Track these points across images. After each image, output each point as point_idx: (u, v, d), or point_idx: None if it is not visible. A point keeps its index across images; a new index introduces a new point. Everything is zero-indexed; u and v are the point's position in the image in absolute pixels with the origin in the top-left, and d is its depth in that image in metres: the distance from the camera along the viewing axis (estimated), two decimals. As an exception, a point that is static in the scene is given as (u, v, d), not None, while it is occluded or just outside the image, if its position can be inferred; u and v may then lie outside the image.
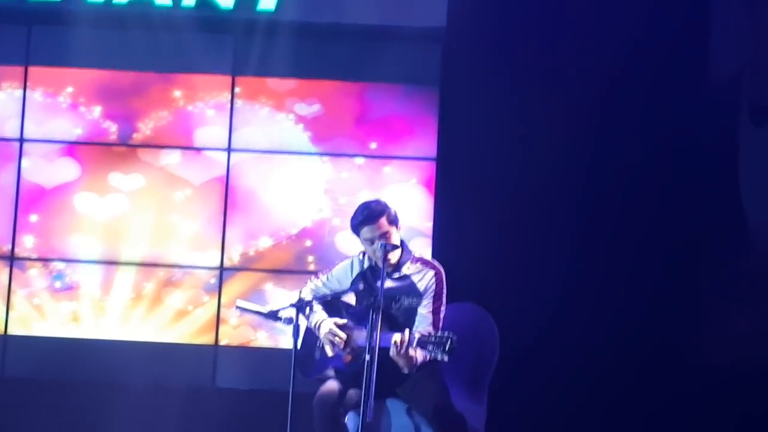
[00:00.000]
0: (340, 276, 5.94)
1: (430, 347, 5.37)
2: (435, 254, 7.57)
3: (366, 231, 5.72)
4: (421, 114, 8.01)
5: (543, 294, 7.51)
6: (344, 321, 5.79)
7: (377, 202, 5.89)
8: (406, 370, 5.55)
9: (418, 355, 5.51)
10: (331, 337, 5.76)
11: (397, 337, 5.46)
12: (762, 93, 7.70)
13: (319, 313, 5.84)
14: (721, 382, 7.33)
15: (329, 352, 5.80)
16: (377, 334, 5.44)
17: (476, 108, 7.73)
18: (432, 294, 5.73)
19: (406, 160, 8.02)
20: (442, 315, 5.71)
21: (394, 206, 5.85)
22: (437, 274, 5.77)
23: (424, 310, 5.70)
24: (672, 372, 7.43)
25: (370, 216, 5.73)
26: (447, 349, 5.33)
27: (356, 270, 5.88)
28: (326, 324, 5.78)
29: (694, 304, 7.57)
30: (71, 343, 7.90)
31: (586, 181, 7.64)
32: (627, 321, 7.51)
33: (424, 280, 5.76)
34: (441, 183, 7.89)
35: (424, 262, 5.84)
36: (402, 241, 5.80)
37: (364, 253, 5.88)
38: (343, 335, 5.73)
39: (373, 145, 8.05)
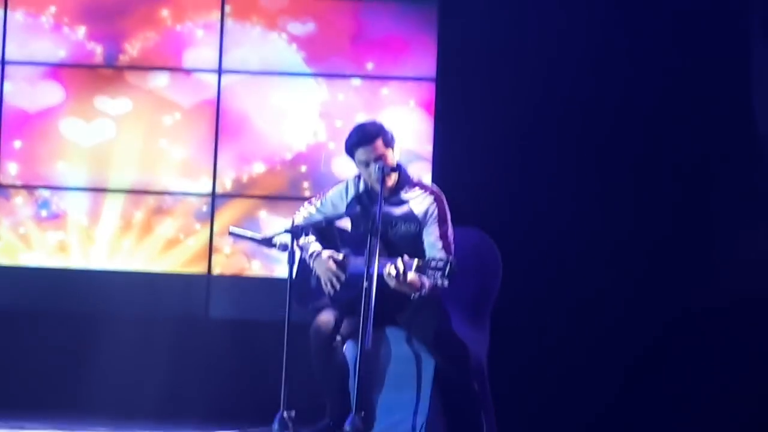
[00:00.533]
0: (335, 200, 5.88)
1: (429, 272, 5.32)
2: (435, 179, 7.52)
3: (361, 153, 5.68)
4: (419, 32, 7.89)
5: (547, 218, 7.46)
6: (340, 255, 5.71)
7: (373, 122, 5.83)
8: (412, 295, 5.44)
9: (421, 278, 5.41)
10: (328, 274, 5.69)
11: (391, 267, 5.37)
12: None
13: (313, 244, 5.80)
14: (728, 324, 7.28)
15: (325, 288, 5.73)
16: (376, 260, 5.38)
17: (476, 25, 7.63)
18: (435, 220, 5.68)
19: (404, 80, 7.91)
20: (450, 239, 5.67)
21: (390, 127, 5.76)
22: (437, 199, 5.73)
23: (432, 237, 5.66)
24: (679, 309, 7.39)
25: (364, 137, 5.68)
26: (446, 273, 5.30)
27: (351, 193, 5.83)
28: (321, 258, 5.69)
29: (706, 228, 7.49)
30: (59, 273, 7.86)
31: (593, 98, 7.54)
32: (634, 242, 7.45)
33: (423, 205, 5.71)
34: (441, 104, 7.79)
35: (423, 187, 5.80)
36: (399, 164, 5.74)
37: (359, 176, 5.79)
38: (340, 273, 5.68)
39: (370, 66, 7.92)
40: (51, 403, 7.38)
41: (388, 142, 5.72)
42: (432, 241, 5.64)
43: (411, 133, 7.81)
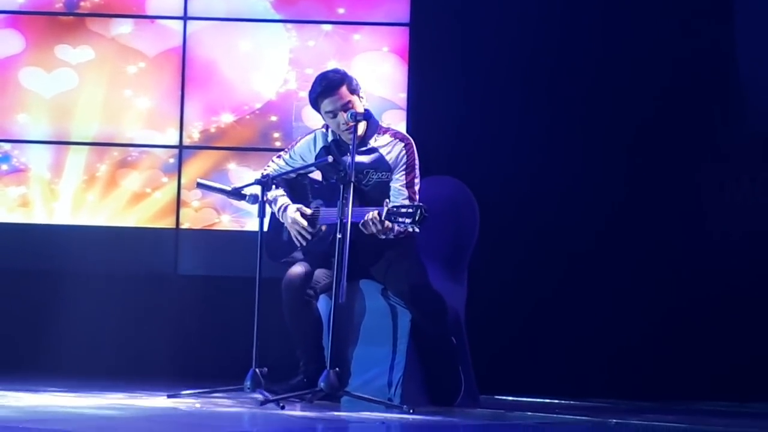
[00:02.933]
0: (303, 152, 5.93)
1: (400, 219, 5.35)
2: (410, 127, 7.53)
3: (327, 104, 5.76)
4: (392, -25, 7.84)
5: (524, 166, 7.47)
6: (309, 210, 5.75)
7: (335, 71, 5.92)
8: (382, 236, 5.43)
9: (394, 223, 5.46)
10: (297, 228, 5.72)
11: (373, 214, 5.43)
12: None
13: (281, 198, 5.83)
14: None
15: (297, 243, 5.73)
16: (349, 210, 5.41)
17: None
18: (404, 167, 5.76)
19: (377, 26, 7.86)
20: (417, 188, 5.73)
21: (358, 75, 5.82)
22: (407, 146, 5.78)
23: (398, 184, 5.75)
24: (670, 253, 7.45)
25: (329, 86, 5.75)
26: (417, 219, 5.35)
27: (320, 144, 5.90)
28: (290, 211, 5.74)
29: (690, 170, 7.53)
30: (21, 229, 7.81)
31: (570, 43, 7.55)
32: (612, 194, 7.51)
33: (393, 152, 5.77)
34: (415, 50, 7.76)
35: (394, 134, 5.87)
36: (368, 111, 5.79)
37: (326, 127, 5.83)
38: (309, 227, 5.71)
39: (341, 11, 7.89)
40: (13, 363, 7.37)
41: (353, 89, 5.77)
42: (398, 188, 5.69)
43: (384, 80, 7.78)
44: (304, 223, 5.76)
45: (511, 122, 7.51)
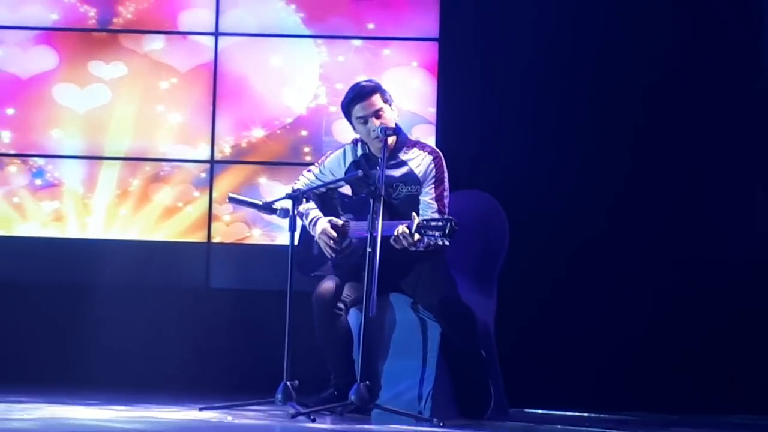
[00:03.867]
0: (333, 166, 5.93)
1: (430, 232, 5.33)
2: (439, 141, 7.53)
3: (358, 109, 5.76)
4: (421, -9, 7.84)
5: (554, 179, 7.46)
6: (340, 221, 5.74)
7: (369, 80, 5.95)
8: (412, 248, 5.44)
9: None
10: (325, 239, 5.71)
11: (403, 228, 5.42)
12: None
13: (313, 211, 5.83)
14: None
15: (326, 254, 5.75)
16: (379, 224, 5.40)
17: (480, -18, 7.62)
18: (433, 180, 5.74)
19: (406, 41, 7.87)
20: (446, 201, 5.72)
21: (389, 89, 5.85)
22: (436, 159, 5.77)
23: (427, 197, 5.73)
24: (685, 261, 7.41)
25: (361, 93, 5.77)
26: (447, 232, 5.33)
27: (349, 159, 5.90)
28: (321, 223, 5.74)
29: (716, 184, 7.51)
30: (55, 243, 7.84)
31: (597, 56, 7.54)
32: (647, 207, 7.48)
33: (422, 165, 5.77)
34: (444, 65, 7.75)
35: (423, 148, 5.86)
36: (397, 126, 5.79)
37: (356, 141, 5.83)
38: (340, 240, 5.71)
39: (371, 26, 7.89)
40: (48, 376, 7.40)
41: (386, 99, 5.79)
42: (427, 202, 5.68)
43: (414, 95, 7.78)
44: (334, 234, 5.76)
45: (541, 136, 7.49)
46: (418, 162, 5.77)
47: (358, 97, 5.75)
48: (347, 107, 5.79)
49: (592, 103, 7.51)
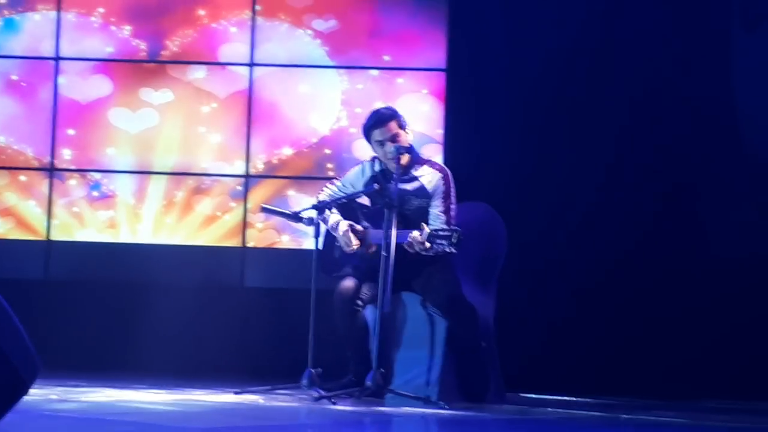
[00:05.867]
0: (353, 180, 5.92)
1: (439, 240, 5.32)
2: (446, 159, 7.50)
3: (377, 134, 5.73)
4: (431, 27, 7.84)
5: (548, 191, 7.44)
6: (359, 227, 5.75)
7: (387, 107, 6.01)
8: (423, 252, 5.41)
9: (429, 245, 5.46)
10: (346, 238, 5.67)
11: (416, 234, 5.41)
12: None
13: (334, 216, 5.82)
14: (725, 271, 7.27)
15: (347, 250, 5.70)
16: (393, 231, 5.40)
17: (484, 20, 7.62)
18: (442, 195, 5.72)
19: (417, 71, 7.85)
20: (452, 213, 5.70)
21: (403, 114, 5.82)
22: (445, 176, 5.76)
23: (436, 210, 5.71)
24: (678, 265, 7.37)
25: (380, 119, 5.74)
26: (454, 241, 5.31)
27: (368, 174, 5.89)
28: (342, 225, 5.74)
29: (698, 203, 7.48)
30: (109, 247, 7.84)
31: (592, 86, 7.51)
32: (628, 215, 7.44)
33: (433, 181, 5.75)
34: (451, 93, 7.74)
35: (433, 165, 5.85)
36: (411, 146, 5.76)
37: (374, 158, 5.82)
38: (357, 241, 5.69)
39: (387, 58, 7.89)
40: (103, 363, 7.39)
41: (401, 125, 5.77)
42: (436, 213, 5.67)
43: (424, 118, 7.77)
44: (351, 234, 5.73)
45: (535, 154, 7.48)
46: (429, 178, 5.76)
47: (378, 123, 5.73)
48: (368, 131, 5.78)
49: (593, 122, 7.47)
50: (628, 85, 7.51)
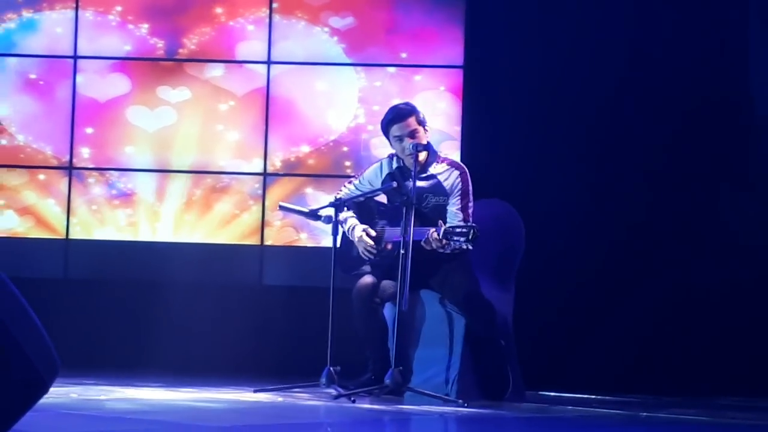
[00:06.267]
0: (371, 178, 5.91)
1: (456, 237, 5.32)
2: (463, 155, 7.50)
3: (395, 129, 5.72)
4: (448, 24, 7.83)
5: (564, 188, 7.43)
6: (374, 233, 5.75)
7: (406, 103, 5.98)
8: (440, 250, 5.43)
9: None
10: (363, 245, 5.71)
11: (434, 232, 5.40)
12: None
13: (350, 219, 5.81)
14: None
15: (363, 256, 5.74)
16: (411, 229, 5.39)
17: (500, 17, 7.62)
18: (459, 193, 5.71)
19: (434, 68, 7.85)
20: (470, 211, 5.69)
21: (421, 110, 5.77)
22: (462, 174, 5.74)
23: (454, 208, 5.70)
24: (697, 262, 7.36)
25: (399, 115, 5.73)
26: (470, 237, 5.31)
27: (385, 171, 5.88)
28: (358, 230, 5.74)
29: (713, 192, 7.46)
30: (128, 245, 7.87)
31: (610, 83, 7.49)
32: (653, 217, 7.43)
33: (450, 179, 5.73)
34: (468, 89, 7.74)
35: (450, 163, 5.82)
36: (429, 143, 5.75)
37: (391, 156, 5.82)
38: (373, 244, 5.69)
39: (404, 55, 7.88)
40: (122, 361, 7.42)
41: (420, 121, 5.76)
42: (454, 212, 5.66)
43: (442, 115, 7.76)
44: (371, 242, 5.76)
45: (552, 150, 7.48)
46: (446, 176, 5.75)
47: (397, 119, 5.72)
48: (386, 126, 5.77)
49: (608, 120, 7.46)
50: (648, 82, 7.49)
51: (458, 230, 5.37)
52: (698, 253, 7.36)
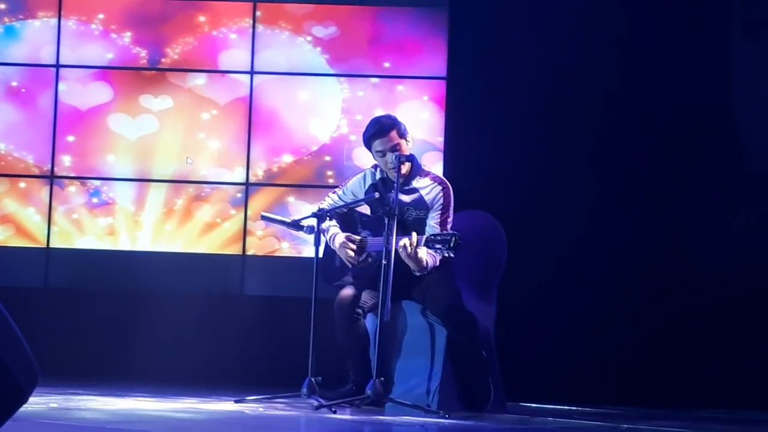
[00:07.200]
0: (354, 188, 5.91)
1: (438, 245, 5.33)
2: (446, 166, 7.52)
3: (378, 144, 5.72)
4: (431, 35, 7.85)
5: (547, 201, 7.45)
6: (357, 237, 5.74)
7: (387, 116, 5.94)
8: (417, 273, 5.49)
9: (428, 258, 5.46)
10: (345, 250, 5.67)
11: (405, 240, 5.41)
12: (755, 6, 7.48)
13: (332, 228, 5.81)
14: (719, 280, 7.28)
15: (347, 263, 5.71)
16: (393, 240, 5.39)
17: (483, 29, 7.64)
18: (440, 207, 5.72)
19: (417, 79, 7.86)
20: (449, 227, 5.67)
21: (403, 121, 5.77)
22: (444, 189, 5.75)
23: (433, 221, 5.72)
24: (678, 274, 7.39)
25: (381, 129, 5.71)
26: (452, 245, 5.32)
27: (369, 182, 5.87)
28: (339, 237, 5.74)
29: (695, 209, 7.48)
30: (109, 254, 7.84)
31: (593, 94, 7.52)
32: (635, 229, 7.45)
33: (432, 194, 5.73)
34: (451, 100, 7.76)
35: (434, 178, 5.83)
36: (412, 156, 5.76)
37: (375, 167, 5.83)
38: (355, 253, 5.67)
39: (387, 65, 7.89)
40: (102, 371, 7.39)
41: (402, 134, 5.75)
42: (432, 225, 5.66)
43: (424, 125, 7.78)
44: (353, 246, 5.75)
45: (535, 162, 7.49)
46: (428, 191, 5.73)
47: (378, 134, 5.71)
48: (368, 141, 5.76)
49: (591, 131, 7.49)
50: (629, 94, 7.52)
51: (440, 238, 5.39)
52: (682, 265, 7.37)
